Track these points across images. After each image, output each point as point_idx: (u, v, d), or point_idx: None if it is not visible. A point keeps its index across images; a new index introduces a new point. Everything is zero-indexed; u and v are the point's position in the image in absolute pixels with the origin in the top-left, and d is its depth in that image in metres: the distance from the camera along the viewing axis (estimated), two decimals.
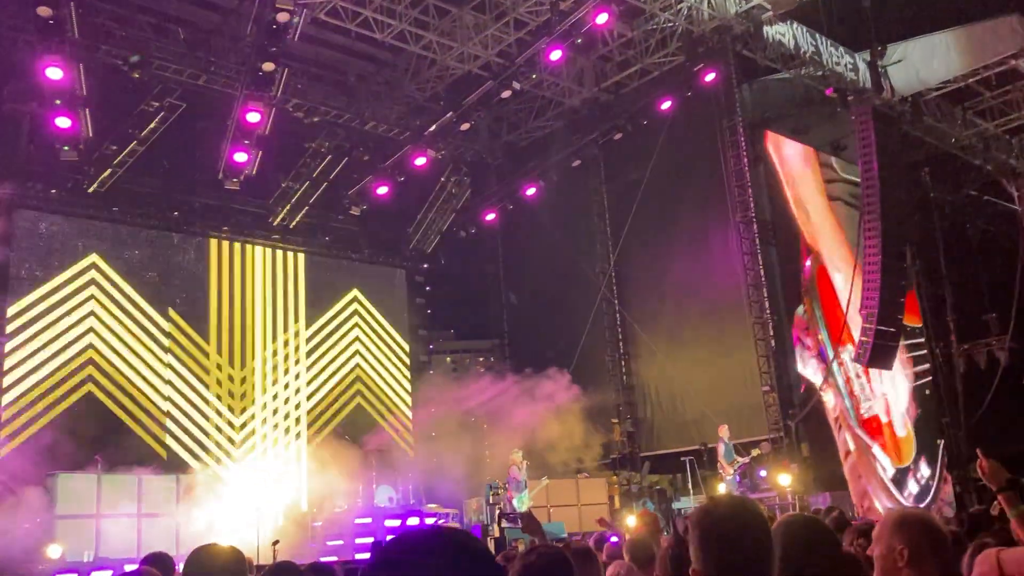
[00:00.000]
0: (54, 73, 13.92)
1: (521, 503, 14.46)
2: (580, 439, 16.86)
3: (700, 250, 18.11)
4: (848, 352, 17.84)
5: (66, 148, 15.46)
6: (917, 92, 19.16)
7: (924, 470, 19.54)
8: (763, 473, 15.66)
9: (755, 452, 14.91)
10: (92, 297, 17.10)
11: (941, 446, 20.18)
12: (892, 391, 19.42)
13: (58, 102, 14.41)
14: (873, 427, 18.73)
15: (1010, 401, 19.63)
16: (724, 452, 14.90)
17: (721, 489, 14.91)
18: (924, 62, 18.92)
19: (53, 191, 16.97)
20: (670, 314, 18.60)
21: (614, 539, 7.09)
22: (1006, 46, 18.25)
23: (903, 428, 19.50)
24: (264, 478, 16.28)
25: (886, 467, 18.50)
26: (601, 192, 20.36)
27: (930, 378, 20.42)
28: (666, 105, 17.72)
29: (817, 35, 17.90)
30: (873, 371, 18.13)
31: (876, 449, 18.50)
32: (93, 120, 15.28)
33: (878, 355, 16.59)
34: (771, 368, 16.36)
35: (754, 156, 17.57)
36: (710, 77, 17.01)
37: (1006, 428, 19.43)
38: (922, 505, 17.93)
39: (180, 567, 4.24)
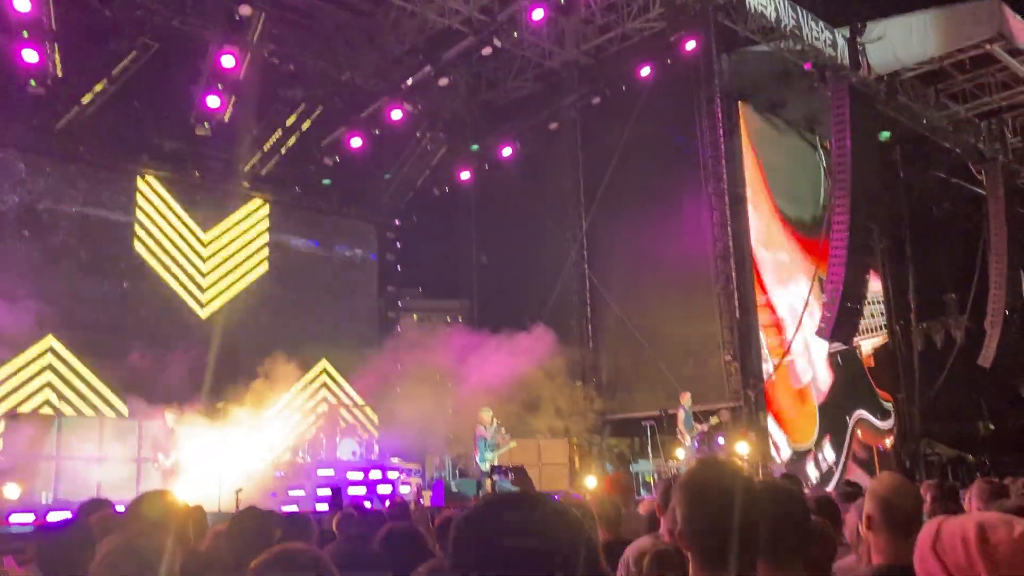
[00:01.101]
0: (22, 4, 13.57)
1: (483, 463, 14.56)
2: (544, 399, 17.01)
3: (671, 218, 18.20)
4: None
5: (33, 83, 15.13)
6: (893, 71, 19.30)
7: (828, 453, 18.57)
8: (721, 441, 15.93)
9: (713, 420, 15.15)
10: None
11: (851, 425, 19.35)
12: (813, 352, 18.69)
13: (25, 34, 14.08)
14: (776, 391, 17.69)
15: (963, 380, 20.14)
16: (684, 419, 15.12)
17: (680, 455, 15.16)
18: (902, 41, 19.03)
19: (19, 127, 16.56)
20: (639, 280, 18.73)
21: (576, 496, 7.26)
22: (983, 30, 18.41)
23: (814, 399, 18.67)
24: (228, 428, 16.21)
25: (781, 446, 17.24)
26: (576, 156, 20.32)
27: (844, 347, 19.27)
28: (645, 71, 17.71)
29: (799, 8, 17.91)
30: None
31: (770, 421, 17.17)
32: (62, 56, 14.93)
33: (841, 330, 16.90)
34: (734, 338, 16.58)
35: (729, 127, 17.63)
36: (691, 45, 17.00)
37: (958, 406, 19.99)
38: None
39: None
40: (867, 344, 20.37)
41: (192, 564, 3.43)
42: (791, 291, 18.69)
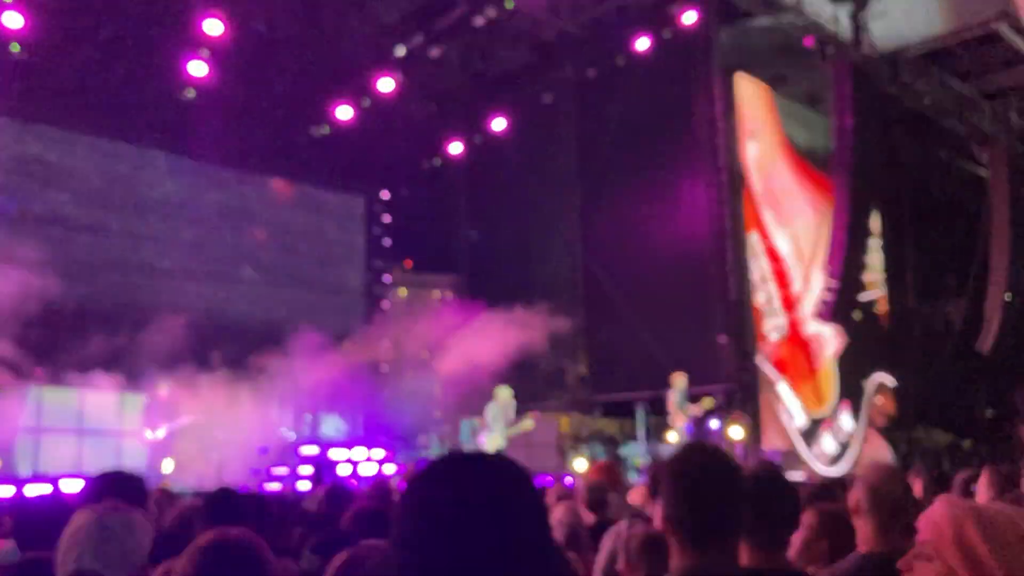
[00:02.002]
0: None
1: (490, 440, 14.30)
2: (535, 378, 16.76)
3: (668, 196, 17.85)
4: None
5: (16, 47, 14.86)
6: (897, 49, 18.90)
7: (845, 422, 17.60)
8: (713, 424, 15.69)
9: (706, 402, 14.89)
10: None
11: (867, 391, 18.23)
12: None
13: None
14: (788, 351, 16.85)
15: (962, 364, 19.89)
16: (677, 401, 14.86)
17: (671, 438, 14.91)
18: (906, 19, 18.62)
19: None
20: (633, 258, 18.39)
21: (568, 479, 7.07)
22: (989, 8, 17.99)
23: (829, 353, 17.64)
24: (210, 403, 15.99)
25: (794, 414, 16.35)
26: (571, 130, 19.93)
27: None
28: (643, 44, 17.29)
29: None
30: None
31: (783, 387, 16.33)
32: (46, 21, 14.61)
33: (840, 311, 16.63)
34: (729, 319, 16.30)
35: (728, 103, 17.26)
36: (691, 17, 16.58)
37: (957, 390, 19.75)
38: (839, 472, 15.51)
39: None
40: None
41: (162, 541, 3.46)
42: (797, 227, 18.11)
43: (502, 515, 1.26)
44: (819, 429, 16.91)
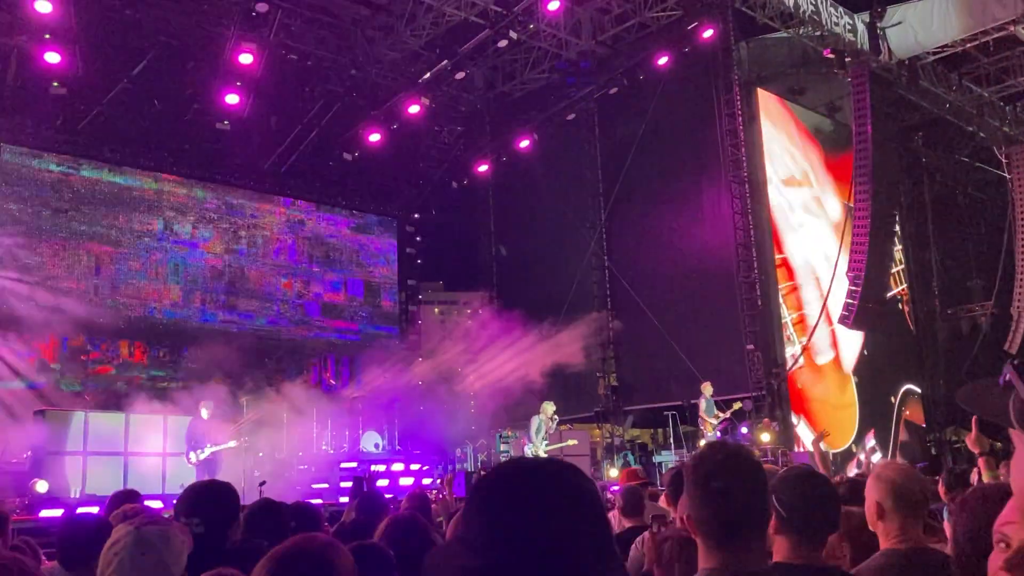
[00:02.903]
0: (43, 6, 13.71)
1: (533, 450, 14.60)
2: (566, 391, 17.01)
3: (691, 207, 18.14)
4: None
5: (55, 84, 15.33)
6: (914, 56, 19.07)
7: (874, 454, 17.62)
8: (744, 430, 15.88)
9: (736, 406, 15.10)
10: None
11: (896, 404, 18.33)
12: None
13: (48, 36, 14.24)
14: (805, 381, 17.14)
15: (990, 367, 19.88)
16: (706, 408, 15.08)
17: (704, 444, 15.10)
18: (922, 25, 18.79)
19: (44, 128, 16.81)
20: (658, 270, 18.66)
21: (615, 488, 7.33)
22: (1005, 11, 18.10)
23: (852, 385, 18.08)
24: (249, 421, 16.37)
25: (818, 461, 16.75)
26: (595, 147, 20.27)
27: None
28: (663, 60, 17.61)
29: None
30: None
31: (802, 427, 16.50)
32: (84, 57, 15.10)
33: (863, 318, 16.75)
34: (756, 327, 16.51)
35: (749, 116, 17.53)
36: (708, 33, 16.90)
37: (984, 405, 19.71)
38: None
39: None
40: None
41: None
42: (809, 235, 18.31)
43: (566, 518, 1.27)
44: (845, 466, 16.83)
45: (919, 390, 20.05)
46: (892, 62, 18.48)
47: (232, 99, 16.18)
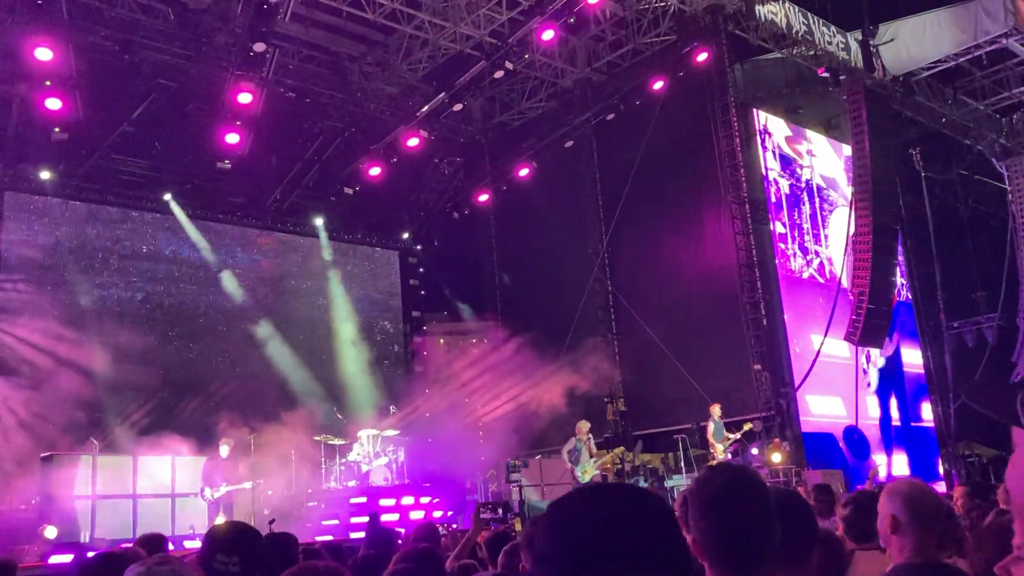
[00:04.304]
0: (44, 54, 13.87)
1: (583, 473, 14.58)
2: (574, 417, 16.93)
3: (693, 229, 18.17)
4: None
5: (57, 129, 15.47)
6: (908, 72, 19.19)
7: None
8: (755, 451, 15.79)
9: (747, 427, 15.03)
10: None
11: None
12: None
13: (48, 83, 14.38)
14: None
15: (997, 379, 19.81)
16: (714, 431, 15.00)
17: None
18: (915, 41, 18.94)
19: (45, 174, 16.94)
20: (663, 293, 18.66)
21: None
22: (996, 25, 18.25)
23: None
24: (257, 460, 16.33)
25: None
26: (594, 172, 20.35)
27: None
28: (658, 85, 17.74)
29: (809, 14, 17.90)
30: None
31: None
32: (83, 101, 15.25)
33: (869, 333, 16.71)
34: (763, 347, 16.47)
35: (746, 136, 17.61)
36: (702, 57, 17.03)
37: (995, 405, 19.61)
38: None
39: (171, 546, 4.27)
40: None
41: None
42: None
43: (642, 537, 1.33)
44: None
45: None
46: (887, 78, 18.60)
47: (232, 138, 16.29)
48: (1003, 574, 1.55)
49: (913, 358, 20.35)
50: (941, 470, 19.34)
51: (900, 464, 18.69)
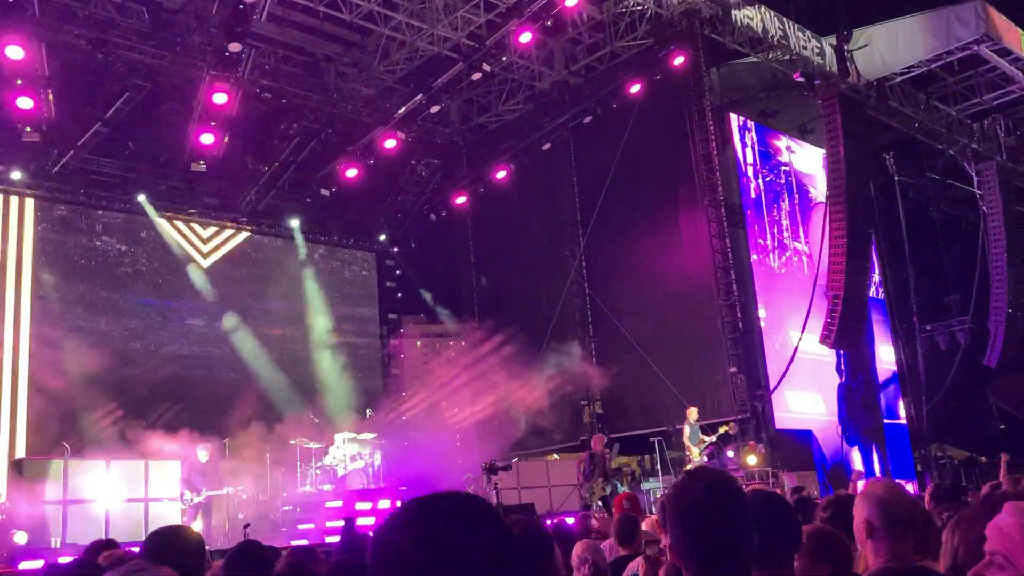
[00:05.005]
0: (15, 53, 13.68)
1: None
2: (551, 420, 16.96)
3: (670, 232, 18.23)
4: None
5: (28, 129, 15.26)
6: (882, 77, 19.37)
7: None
8: (731, 454, 15.86)
9: (722, 429, 15.09)
10: None
11: None
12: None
13: (19, 82, 14.19)
14: None
15: (970, 381, 20.04)
16: (690, 434, 15.05)
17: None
18: (889, 47, 19.13)
19: (16, 174, 16.71)
20: (640, 296, 18.71)
21: (594, 521, 7.26)
22: (968, 32, 18.48)
23: None
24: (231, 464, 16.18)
25: None
26: (571, 175, 20.38)
27: None
28: (635, 88, 17.80)
29: (784, 19, 18.03)
30: None
31: None
32: (56, 101, 15.06)
33: (843, 336, 16.84)
34: (739, 350, 16.55)
35: (722, 140, 17.70)
36: (679, 60, 17.10)
37: (965, 408, 19.86)
38: None
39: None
40: None
41: None
42: None
43: (457, 554, 1.26)
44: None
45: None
46: (861, 83, 18.77)
47: (207, 139, 16.15)
48: None
49: (886, 354, 20.51)
50: (915, 472, 19.53)
51: (861, 461, 18.74)
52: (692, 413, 15.21)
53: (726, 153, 17.84)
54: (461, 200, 20.82)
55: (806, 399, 17.86)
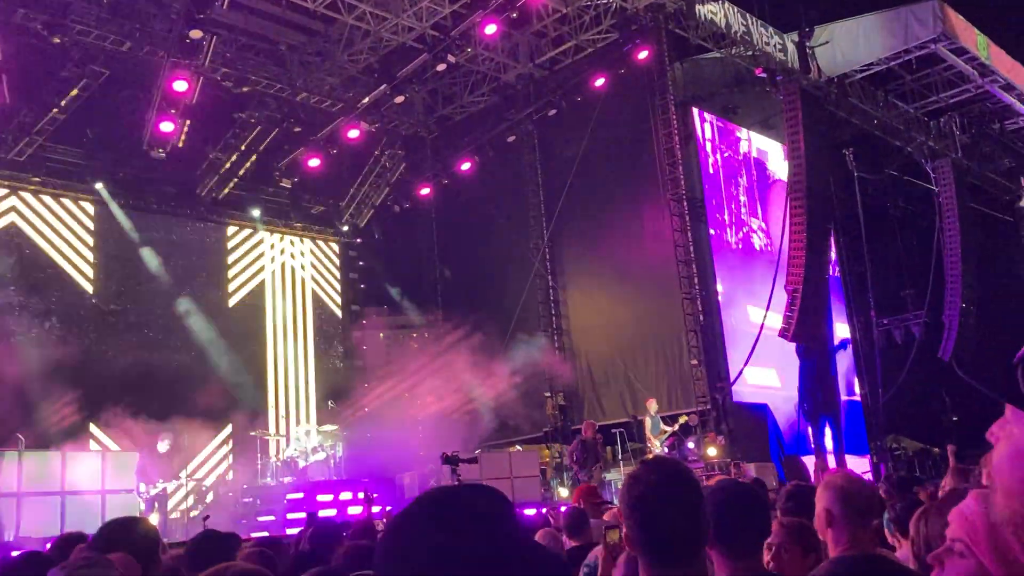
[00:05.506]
0: None
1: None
2: (515, 412, 17.00)
3: (633, 226, 18.36)
4: None
5: None
6: (843, 74, 19.65)
7: None
8: (691, 445, 16.04)
9: (682, 420, 15.26)
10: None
11: None
12: None
13: None
14: None
15: (924, 375, 20.43)
16: (651, 426, 15.21)
17: None
18: (849, 44, 19.41)
19: None
20: (603, 289, 18.84)
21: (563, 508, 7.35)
22: (926, 31, 18.81)
23: None
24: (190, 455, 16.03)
25: None
26: (536, 167, 20.43)
27: None
28: (600, 82, 17.88)
29: (748, 15, 18.19)
30: None
31: None
32: (11, 86, 14.75)
33: (803, 328, 17.07)
34: (699, 342, 16.72)
35: (685, 134, 17.84)
36: (643, 55, 17.20)
37: (920, 401, 20.24)
38: None
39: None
40: None
41: None
42: None
43: (479, 545, 1.22)
44: None
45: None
46: (822, 80, 19.01)
47: (167, 127, 15.91)
48: (936, 563, 1.51)
49: (842, 332, 20.79)
50: (870, 462, 19.86)
51: (817, 437, 19.00)
52: (652, 405, 15.36)
53: (689, 148, 17.99)
54: (425, 191, 20.77)
55: (762, 373, 18.10)
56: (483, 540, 1.23)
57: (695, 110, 18.74)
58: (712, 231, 18.22)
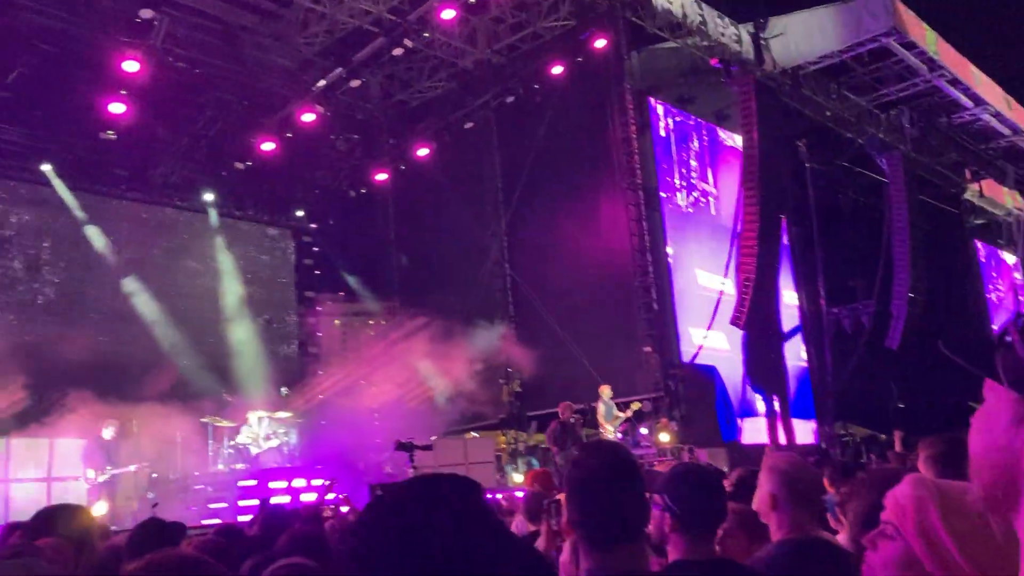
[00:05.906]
0: None
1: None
2: (471, 399, 17.01)
3: (590, 214, 18.43)
4: None
5: None
6: (796, 65, 19.89)
7: None
8: (644, 431, 16.19)
9: (635, 406, 15.38)
10: None
11: None
12: None
13: None
14: None
15: (873, 362, 20.83)
16: (604, 412, 15.30)
17: None
18: (803, 36, 19.67)
19: None
20: (559, 276, 18.87)
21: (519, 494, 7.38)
22: (878, 24, 19.12)
23: None
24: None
25: None
26: (494, 154, 20.39)
27: None
28: (557, 70, 17.87)
29: (704, 5, 18.31)
30: None
31: None
32: None
33: (755, 318, 17.32)
34: (653, 329, 16.87)
35: (641, 123, 17.92)
36: (600, 43, 17.22)
37: (869, 388, 20.65)
38: None
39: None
40: None
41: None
42: None
43: (450, 534, 1.21)
44: None
45: None
46: (776, 71, 19.23)
47: (117, 108, 15.63)
48: (870, 546, 1.55)
49: (790, 299, 21.09)
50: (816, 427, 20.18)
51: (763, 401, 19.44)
52: (606, 391, 15.45)
53: (645, 137, 18.08)
54: (382, 177, 20.62)
55: (710, 335, 18.35)
56: (453, 522, 1.22)
57: (651, 100, 18.82)
58: (663, 194, 18.36)
